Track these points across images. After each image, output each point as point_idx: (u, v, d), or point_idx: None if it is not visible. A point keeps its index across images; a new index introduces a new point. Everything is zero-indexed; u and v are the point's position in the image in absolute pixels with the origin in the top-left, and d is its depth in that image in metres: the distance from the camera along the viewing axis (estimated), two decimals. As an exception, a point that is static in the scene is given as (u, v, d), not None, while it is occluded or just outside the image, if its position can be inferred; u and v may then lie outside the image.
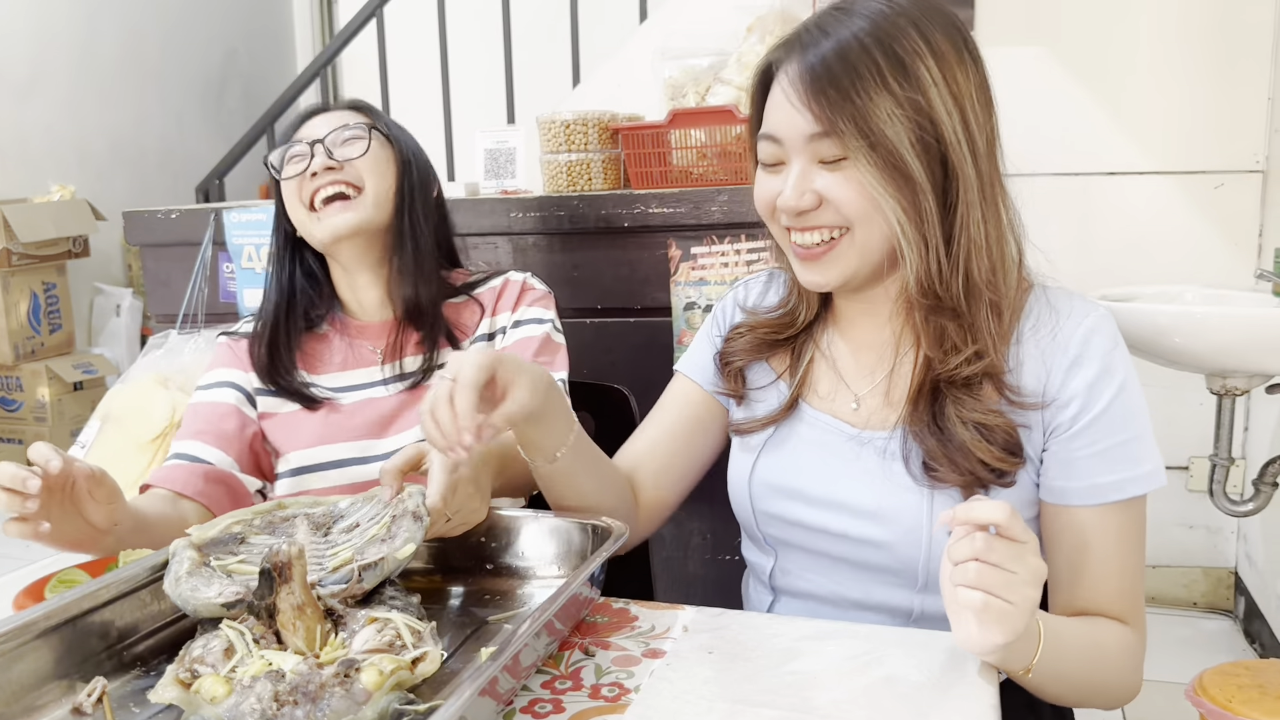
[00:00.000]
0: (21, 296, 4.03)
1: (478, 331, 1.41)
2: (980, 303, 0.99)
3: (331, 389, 1.37)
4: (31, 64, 4.41)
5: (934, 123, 0.94)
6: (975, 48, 1.00)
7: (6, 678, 0.77)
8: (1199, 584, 2.81)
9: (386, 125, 1.40)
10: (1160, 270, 2.59)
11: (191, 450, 1.30)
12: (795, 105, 0.96)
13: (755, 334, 1.15)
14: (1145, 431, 1.00)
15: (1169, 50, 2.64)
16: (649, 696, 0.81)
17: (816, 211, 0.98)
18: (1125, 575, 0.99)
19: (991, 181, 0.99)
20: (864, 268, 1.01)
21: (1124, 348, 1.01)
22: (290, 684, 0.70)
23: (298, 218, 1.34)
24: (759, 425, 1.12)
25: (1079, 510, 0.99)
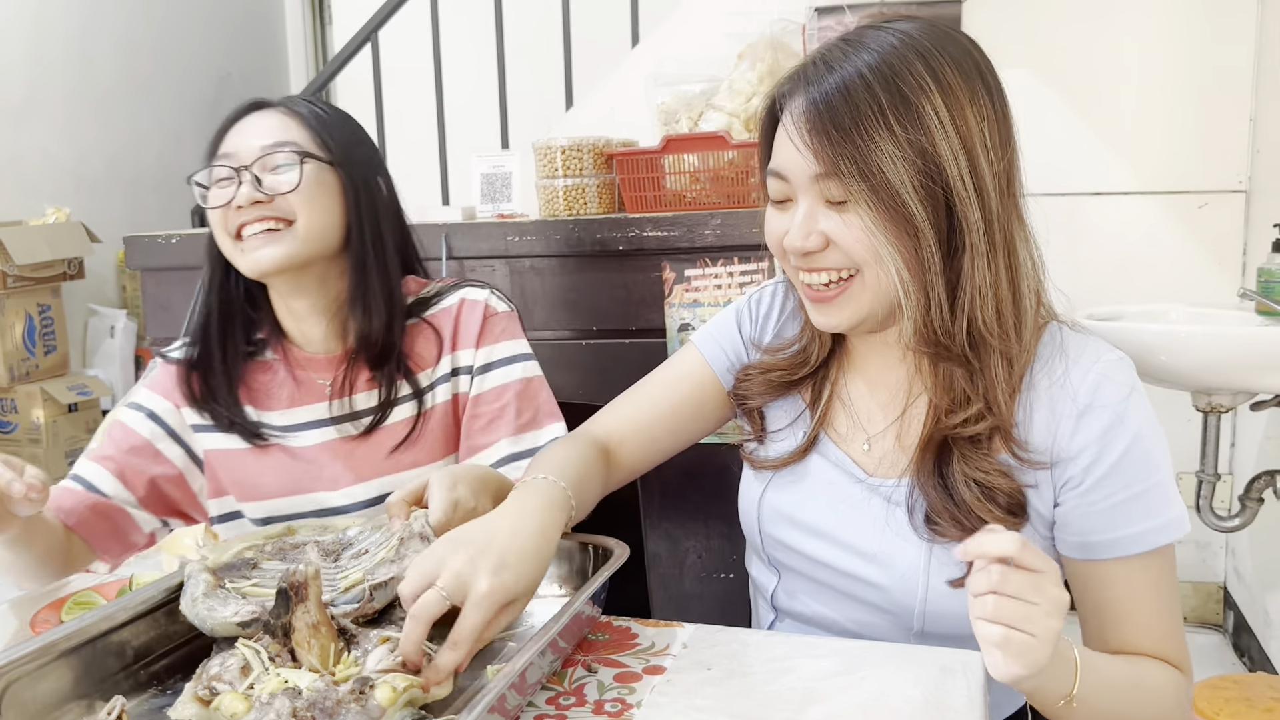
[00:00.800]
0: (16, 318, 4.05)
1: (437, 367, 1.30)
2: (989, 352, 0.95)
3: (279, 427, 1.29)
4: (27, 87, 4.43)
5: (938, 166, 0.89)
6: (992, 79, 0.95)
7: (29, 697, 0.80)
8: (1188, 599, 2.84)
9: (324, 139, 1.23)
10: (1146, 289, 2.62)
11: (90, 476, 1.25)
12: (798, 145, 0.93)
13: (769, 375, 1.12)
14: (1166, 478, 0.96)
15: (1153, 72, 2.69)
16: (650, 712, 0.84)
17: (824, 253, 0.95)
18: (1162, 620, 0.96)
19: (1003, 225, 0.93)
20: (878, 309, 0.97)
21: (1140, 393, 0.97)
22: (308, 700, 0.73)
23: (223, 245, 1.23)
24: (776, 464, 1.10)
25: (1104, 565, 0.97)
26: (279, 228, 1.19)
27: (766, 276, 1.85)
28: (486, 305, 1.32)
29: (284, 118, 1.23)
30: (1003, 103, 0.95)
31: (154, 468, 1.27)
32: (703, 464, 1.92)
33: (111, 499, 1.24)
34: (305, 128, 1.23)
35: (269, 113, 1.24)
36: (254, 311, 1.30)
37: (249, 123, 1.23)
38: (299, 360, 1.30)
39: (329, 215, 1.23)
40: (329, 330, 1.29)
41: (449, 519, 0.95)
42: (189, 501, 1.32)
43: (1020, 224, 0.96)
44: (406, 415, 1.29)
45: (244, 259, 1.20)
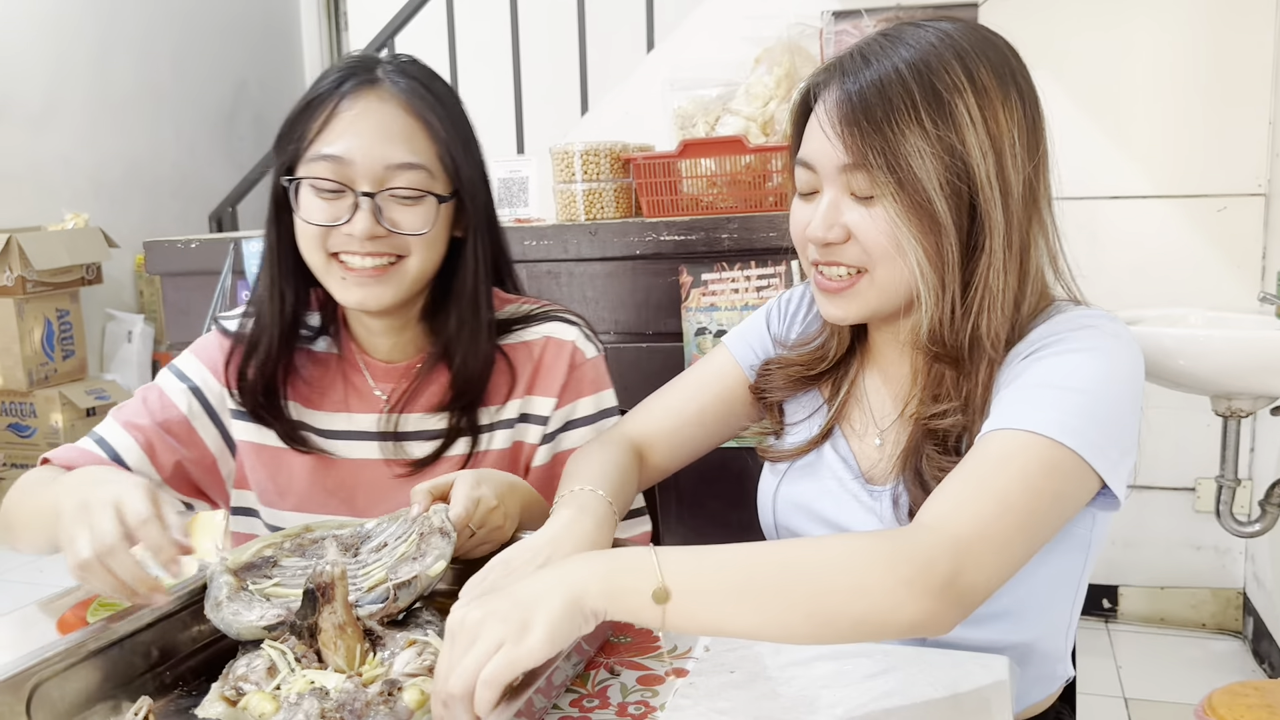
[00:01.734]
0: (36, 323, 4.08)
1: (504, 407, 1.18)
2: (982, 357, 0.95)
3: (321, 430, 1.18)
4: (47, 94, 4.47)
5: (966, 164, 0.90)
6: (1026, 82, 0.95)
7: (57, 697, 0.80)
8: (1207, 605, 2.82)
9: (452, 157, 1.09)
10: (1164, 293, 2.61)
11: (116, 443, 1.13)
12: (828, 134, 0.93)
13: (788, 371, 1.12)
14: (1093, 402, 0.86)
15: (1171, 75, 2.68)
16: (674, 715, 0.84)
17: (843, 246, 0.95)
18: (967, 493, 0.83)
19: (1022, 230, 0.93)
20: (885, 305, 0.98)
21: (1108, 334, 0.91)
22: (336, 701, 0.73)
23: (313, 261, 1.09)
24: (789, 455, 1.11)
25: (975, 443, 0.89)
26: (387, 264, 1.07)
27: (783, 281, 1.85)
28: (574, 351, 1.20)
29: (409, 120, 1.07)
30: (1035, 109, 0.95)
31: (185, 449, 1.16)
32: (721, 468, 1.92)
33: (133, 472, 1.11)
34: (433, 140, 1.08)
35: (389, 101, 1.07)
36: (310, 292, 1.17)
37: (366, 114, 1.06)
38: (358, 363, 1.19)
39: (441, 247, 1.12)
40: (400, 340, 1.18)
41: (469, 516, 0.95)
42: (215, 487, 1.22)
43: (1041, 228, 0.96)
44: (457, 452, 1.18)
45: (343, 292, 1.08)
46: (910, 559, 0.78)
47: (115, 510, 0.85)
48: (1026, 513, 0.83)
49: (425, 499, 0.98)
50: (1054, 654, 1.06)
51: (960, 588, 0.79)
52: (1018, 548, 0.83)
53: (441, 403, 1.17)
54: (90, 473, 0.98)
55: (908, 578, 0.77)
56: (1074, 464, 0.85)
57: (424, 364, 1.17)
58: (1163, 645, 2.73)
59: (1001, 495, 0.82)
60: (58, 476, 1.05)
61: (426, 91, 1.09)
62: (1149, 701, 2.43)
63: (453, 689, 0.72)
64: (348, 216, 1.05)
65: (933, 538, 0.80)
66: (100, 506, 0.86)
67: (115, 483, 0.89)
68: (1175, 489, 2.77)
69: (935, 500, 0.85)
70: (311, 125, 1.07)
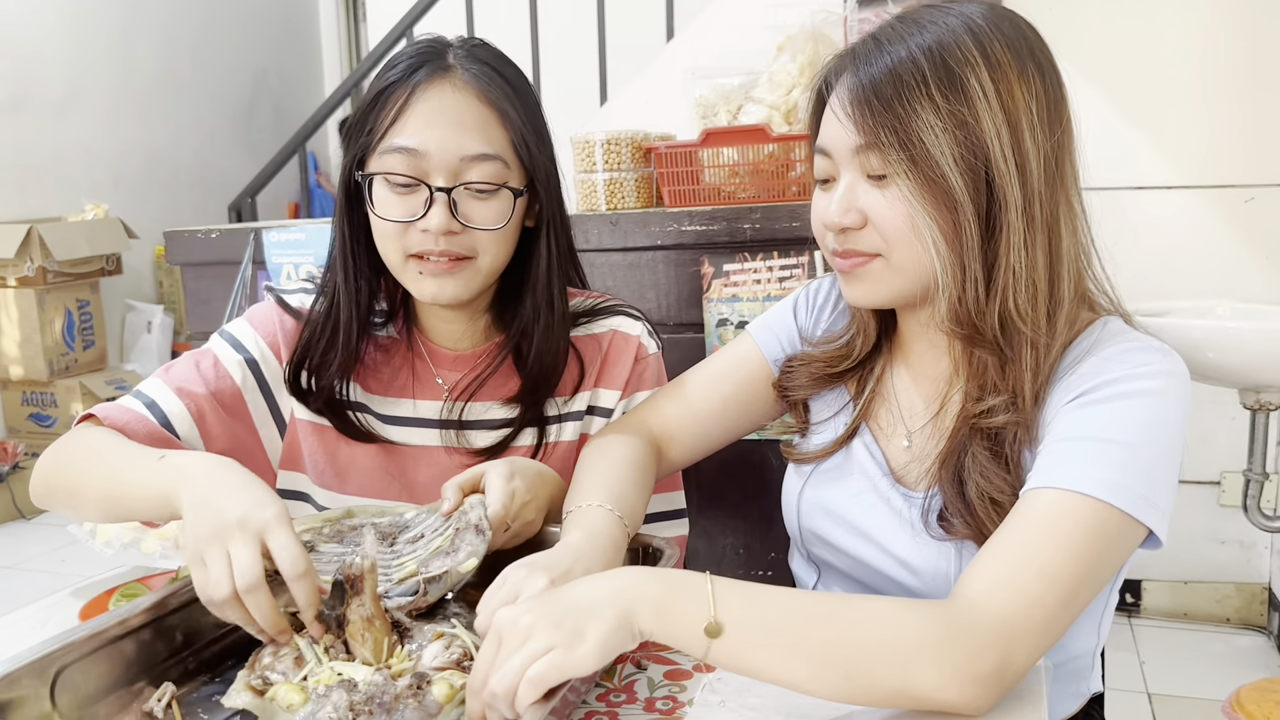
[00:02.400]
0: (56, 314, 4.10)
1: (573, 399, 1.19)
2: (1021, 341, 0.91)
3: (384, 415, 1.17)
4: (68, 85, 4.49)
5: (980, 139, 0.88)
6: (1046, 58, 0.93)
7: (81, 682, 0.80)
8: (1232, 600, 2.79)
9: (527, 147, 1.07)
10: (1191, 285, 2.58)
11: (167, 409, 1.07)
12: (840, 118, 0.93)
13: (811, 368, 1.10)
14: (1143, 455, 0.84)
15: (1197, 63, 2.64)
16: (702, 710, 0.83)
17: (859, 233, 0.94)
18: (1011, 565, 0.80)
19: (1046, 207, 0.90)
20: (907, 289, 0.95)
21: (1166, 377, 0.88)
22: (365, 694, 0.72)
23: (390, 259, 1.08)
24: (814, 456, 1.08)
25: (1019, 501, 0.86)
26: (460, 257, 1.06)
27: (806, 271, 1.83)
28: (640, 345, 1.21)
29: (483, 109, 1.05)
30: (1055, 84, 0.93)
31: (235, 423, 1.12)
32: (741, 460, 1.91)
33: (182, 443, 1.08)
34: (507, 128, 1.06)
35: (462, 90, 1.05)
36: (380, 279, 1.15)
37: (440, 104, 1.04)
38: (421, 349, 1.18)
39: (514, 239, 1.10)
40: (468, 328, 1.17)
41: (508, 512, 0.94)
42: (259, 466, 1.17)
43: (1069, 209, 0.93)
44: (524, 444, 1.18)
45: (418, 286, 1.07)
46: (960, 644, 0.76)
47: (259, 543, 0.81)
48: (1073, 585, 0.80)
49: (456, 494, 0.96)
50: (1080, 673, 1.04)
51: (1004, 675, 0.78)
52: (1062, 623, 0.81)
53: (509, 393, 1.16)
54: (212, 470, 0.88)
55: (956, 664, 0.76)
56: (1121, 523, 0.82)
57: (493, 353, 1.15)
58: (1186, 640, 2.70)
59: (1048, 569, 0.80)
60: (139, 449, 0.98)
61: (499, 78, 1.07)
62: (1173, 697, 2.40)
63: (495, 686, 0.71)
64: (423, 211, 1.03)
65: (982, 621, 0.78)
66: (243, 536, 0.80)
67: (252, 502, 0.82)
68: (1200, 483, 2.74)
69: (981, 570, 0.82)
70: (383, 116, 1.04)
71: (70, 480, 1.01)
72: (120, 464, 0.96)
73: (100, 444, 1.00)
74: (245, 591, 0.79)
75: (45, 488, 1.03)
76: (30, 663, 0.76)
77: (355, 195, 1.09)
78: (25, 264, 3.96)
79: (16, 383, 4.11)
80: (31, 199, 4.30)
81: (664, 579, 0.78)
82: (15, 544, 3.66)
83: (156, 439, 1.04)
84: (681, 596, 0.77)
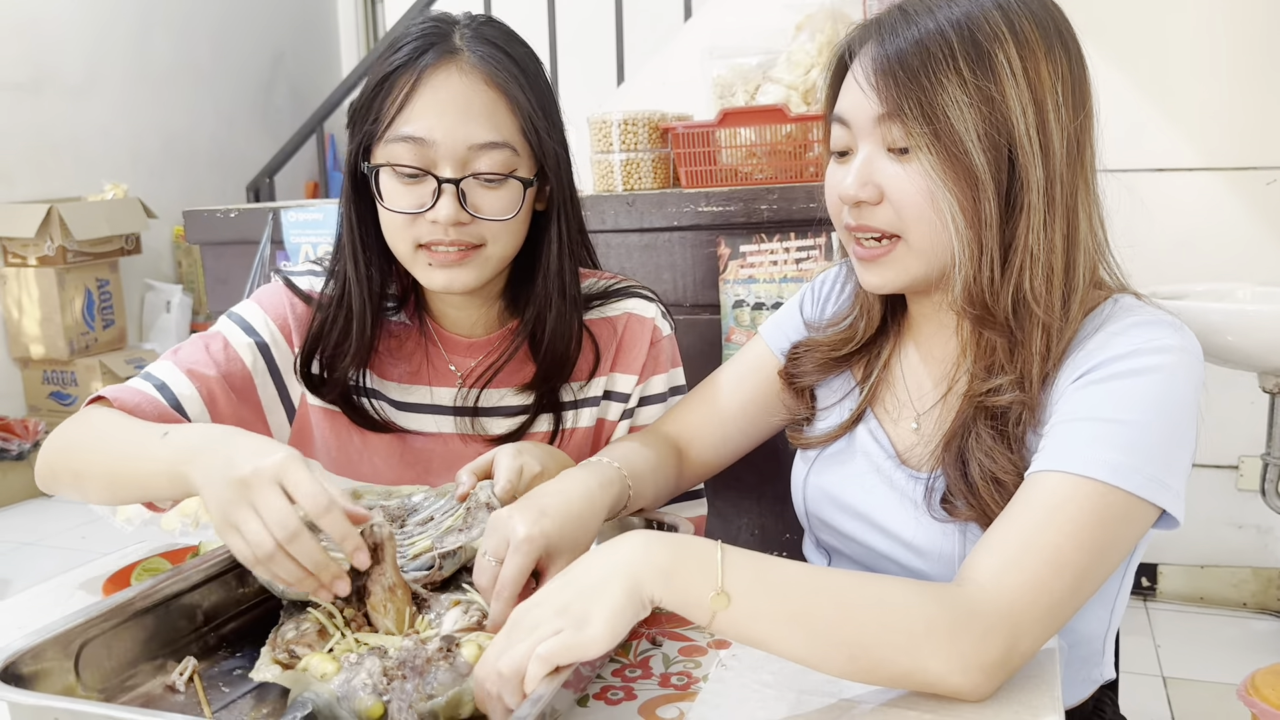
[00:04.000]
0: (76, 293, 4.13)
1: (588, 384, 1.18)
2: (1033, 323, 0.90)
3: (398, 402, 1.16)
4: (87, 66, 4.51)
5: (1005, 116, 0.87)
6: (1072, 40, 0.92)
7: (104, 655, 0.81)
8: (1248, 584, 2.78)
9: (537, 133, 1.05)
10: (1210, 268, 2.56)
11: (179, 391, 1.05)
12: (863, 87, 0.91)
13: (815, 354, 1.09)
14: (1149, 433, 0.82)
15: (1217, 44, 2.61)
16: (718, 685, 0.83)
17: (876, 208, 0.92)
18: (1018, 549, 0.80)
19: (1066, 189, 0.89)
20: (925, 272, 0.94)
21: (1176, 352, 0.86)
22: (397, 659, 0.73)
23: (399, 249, 1.07)
24: (819, 441, 1.07)
25: (1027, 481, 0.85)
26: (470, 247, 1.04)
27: (823, 253, 1.83)
28: (655, 327, 1.20)
29: (490, 93, 1.02)
30: (1080, 66, 0.92)
31: (243, 406, 1.10)
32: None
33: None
34: (515, 113, 1.03)
35: (469, 74, 1.02)
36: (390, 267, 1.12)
37: (447, 91, 1.01)
38: (434, 336, 1.17)
39: (525, 226, 1.09)
40: (480, 315, 1.16)
41: (514, 486, 0.95)
42: None
43: (1086, 194, 0.92)
44: (541, 430, 1.17)
45: (428, 276, 1.06)
46: (967, 630, 0.76)
47: (280, 488, 0.78)
48: (1079, 570, 0.80)
49: (470, 479, 0.97)
50: (1090, 659, 1.03)
51: (1009, 662, 0.78)
52: (1069, 608, 0.81)
53: (524, 379, 1.15)
54: (218, 439, 0.85)
55: (962, 651, 0.76)
56: (1129, 506, 0.81)
57: (507, 340, 1.14)
58: (1202, 624, 2.69)
59: (1053, 555, 0.79)
60: (142, 427, 0.96)
61: (507, 58, 1.04)
62: (1188, 681, 2.40)
63: (503, 667, 0.71)
64: (431, 202, 1.02)
65: (988, 607, 0.77)
66: (262, 485, 0.78)
67: (255, 453, 0.80)
68: (1218, 467, 2.73)
69: (986, 555, 0.81)
70: (389, 103, 1.02)
71: (76, 463, 0.99)
72: (126, 444, 0.94)
73: (105, 425, 0.99)
74: (288, 541, 0.77)
75: (50, 470, 1.02)
76: (55, 636, 0.77)
77: (362, 181, 1.08)
78: (45, 243, 3.98)
79: (37, 361, 4.15)
80: (51, 179, 4.32)
81: (673, 544, 0.78)
82: (37, 521, 3.70)
83: (167, 421, 1.02)
84: (691, 563, 0.77)
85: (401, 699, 0.71)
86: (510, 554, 0.84)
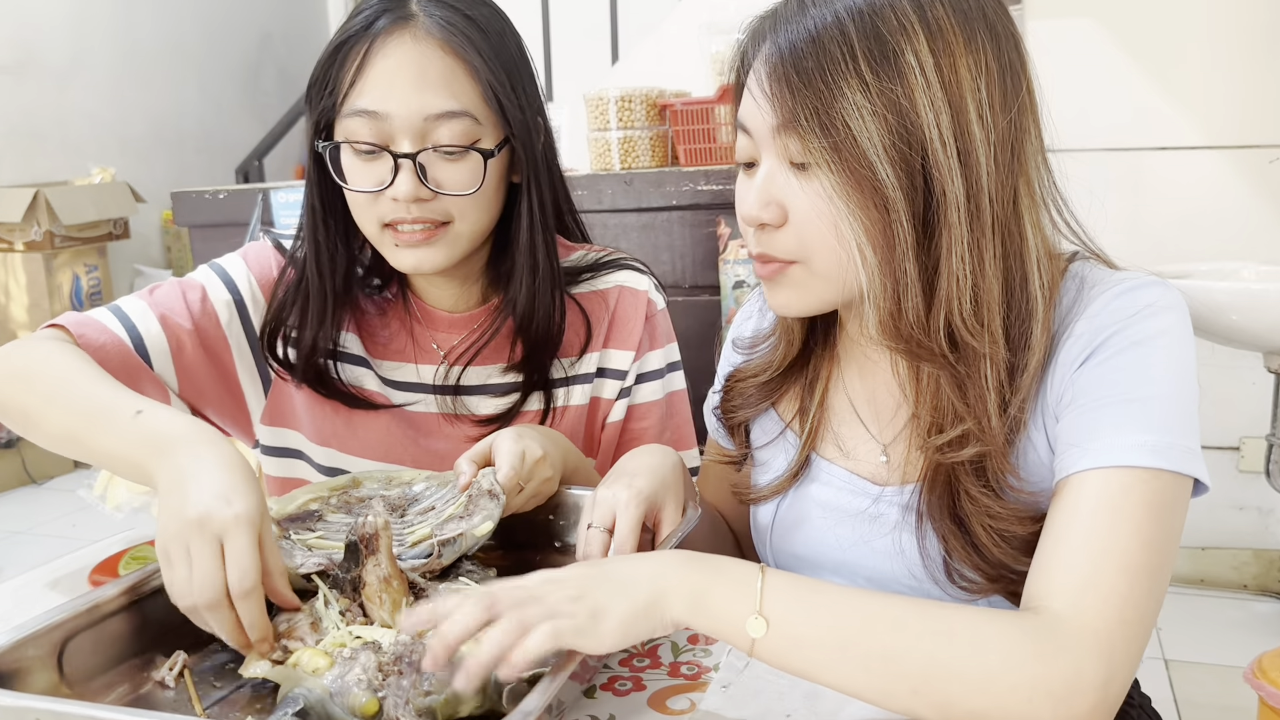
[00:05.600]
0: (64, 278, 4.08)
1: (580, 360, 1.13)
2: (979, 357, 0.79)
3: (387, 380, 1.12)
4: (72, 49, 4.44)
5: (914, 124, 0.75)
6: (1001, 24, 0.79)
7: (89, 651, 0.78)
8: (1250, 566, 2.77)
9: (500, 101, 0.99)
10: (1214, 247, 2.54)
11: (146, 335, 1.00)
12: (755, 94, 0.80)
13: (744, 383, 0.98)
14: (1165, 399, 0.76)
15: (1221, 22, 2.58)
16: (729, 675, 0.80)
17: (778, 233, 0.81)
18: (1086, 559, 0.72)
19: (997, 201, 0.77)
20: (836, 295, 0.83)
21: (1165, 309, 0.79)
22: (393, 654, 0.71)
23: (367, 229, 1.03)
24: (767, 494, 0.96)
25: (1062, 484, 0.77)
26: (435, 225, 1.00)
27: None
28: (649, 301, 1.15)
29: (447, 60, 0.97)
30: (1012, 52, 0.79)
31: (211, 365, 1.05)
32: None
33: (156, 373, 1.01)
34: (475, 80, 0.98)
35: (424, 40, 0.97)
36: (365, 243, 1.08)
37: (399, 58, 0.96)
38: (416, 312, 1.13)
39: (494, 200, 1.03)
40: (462, 291, 1.12)
41: (517, 472, 0.91)
42: (233, 418, 1.10)
43: (1029, 194, 0.80)
44: (531, 409, 1.13)
45: (396, 257, 1.02)
46: (1057, 661, 0.68)
47: (219, 547, 0.73)
48: (1153, 572, 0.72)
49: (471, 468, 0.93)
50: None
51: (1110, 691, 0.69)
52: (1153, 615, 0.73)
53: (509, 357, 1.10)
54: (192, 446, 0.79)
55: (1053, 689, 0.67)
56: (1174, 485, 0.75)
57: (490, 317, 1.10)
58: (1204, 606, 2.68)
59: (1125, 561, 0.72)
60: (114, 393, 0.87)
61: (466, 20, 0.98)
62: (1190, 663, 2.39)
63: (507, 623, 0.67)
64: (390, 179, 0.97)
65: (1073, 632, 0.69)
66: (203, 538, 0.73)
67: (217, 496, 0.74)
68: (1219, 448, 2.71)
69: (1052, 575, 0.73)
70: (344, 76, 0.98)
71: (28, 404, 0.91)
72: (91, 406, 0.86)
73: (68, 370, 0.90)
74: (205, 607, 0.73)
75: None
76: (36, 632, 0.74)
77: (323, 164, 1.03)
78: (32, 228, 3.93)
79: (25, 348, 4.10)
80: (37, 163, 4.27)
81: (709, 564, 0.73)
82: (26, 509, 3.67)
83: (130, 367, 0.98)
84: (725, 588, 0.71)
85: (397, 695, 0.69)
86: (621, 512, 0.85)
